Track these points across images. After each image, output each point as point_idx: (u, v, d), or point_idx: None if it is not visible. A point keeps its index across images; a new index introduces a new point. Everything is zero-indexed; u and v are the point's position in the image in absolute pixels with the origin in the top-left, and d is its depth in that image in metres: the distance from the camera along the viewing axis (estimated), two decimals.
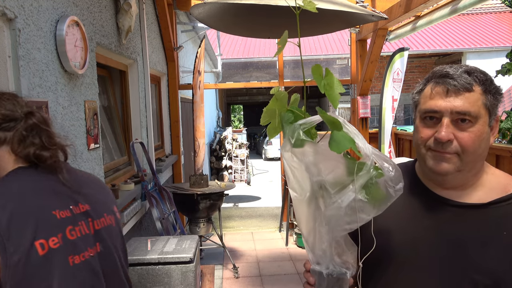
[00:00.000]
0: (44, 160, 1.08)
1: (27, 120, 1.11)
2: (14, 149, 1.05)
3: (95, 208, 1.16)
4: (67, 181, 1.11)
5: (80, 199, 1.13)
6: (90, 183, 1.26)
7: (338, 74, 13.76)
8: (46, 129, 1.15)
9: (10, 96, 1.15)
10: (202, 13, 2.53)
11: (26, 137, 1.08)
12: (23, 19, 1.68)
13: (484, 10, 16.22)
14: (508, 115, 5.41)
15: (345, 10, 2.12)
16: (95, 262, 1.06)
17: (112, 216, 1.22)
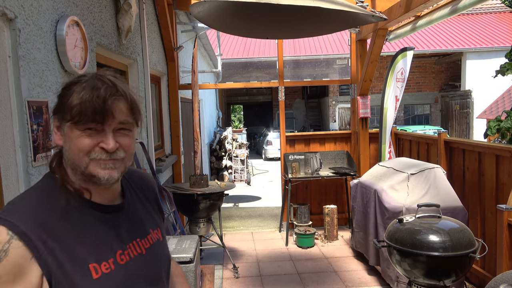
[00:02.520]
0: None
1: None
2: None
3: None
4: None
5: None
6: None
7: (338, 74, 13.76)
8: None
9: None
10: (202, 11, 2.53)
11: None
12: (23, 19, 1.68)
13: (484, 10, 16.22)
14: (508, 115, 5.41)
15: (345, 9, 2.12)
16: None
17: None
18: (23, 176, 1.66)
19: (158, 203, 1.13)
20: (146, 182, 1.12)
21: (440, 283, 2.34)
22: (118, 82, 0.87)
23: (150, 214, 1.07)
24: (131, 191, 1.05)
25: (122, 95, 0.86)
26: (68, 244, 0.82)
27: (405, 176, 3.33)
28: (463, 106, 13.69)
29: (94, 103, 0.81)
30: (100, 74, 0.87)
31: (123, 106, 0.86)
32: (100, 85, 0.84)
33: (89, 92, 0.82)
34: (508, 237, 2.43)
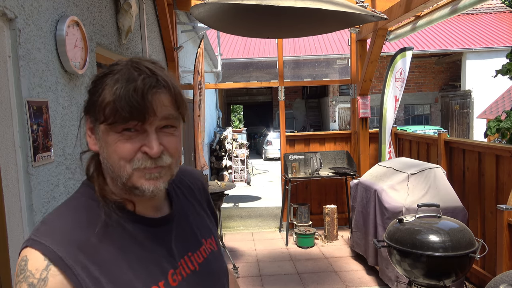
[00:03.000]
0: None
1: None
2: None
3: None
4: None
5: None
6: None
7: (338, 74, 13.76)
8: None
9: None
10: (202, 13, 2.54)
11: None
12: (23, 19, 1.68)
13: (484, 10, 16.22)
14: (508, 115, 5.41)
15: (345, 10, 2.12)
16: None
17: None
18: (23, 176, 1.66)
19: (210, 205, 0.97)
20: (195, 179, 0.96)
21: (440, 283, 2.34)
22: (157, 69, 0.72)
23: (203, 220, 0.91)
24: (179, 193, 0.89)
25: (164, 86, 0.70)
26: (111, 267, 0.69)
27: (405, 176, 3.33)
28: (463, 106, 13.70)
29: (131, 98, 0.66)
30: (136, 61, 0.72)
31: (165, 99, 0.70)
32: (137, 75, 0.69)
33: (123, 85, 0.67)
34: (508, 237, 2.43)
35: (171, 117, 0.72)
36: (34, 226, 1.71)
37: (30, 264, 0.65)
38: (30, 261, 0.65)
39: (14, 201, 1.66)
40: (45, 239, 0.66)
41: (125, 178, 0.71)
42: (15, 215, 1.66)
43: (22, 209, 1.67)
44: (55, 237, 0.67)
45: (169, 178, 0.75)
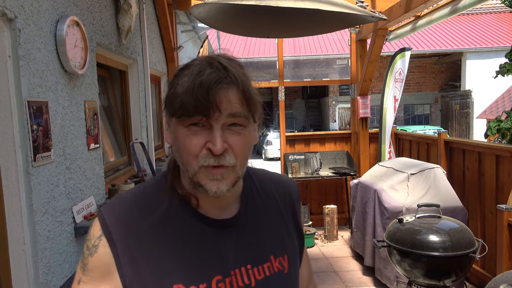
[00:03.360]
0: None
1: None
2: None
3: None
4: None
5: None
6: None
7: (338, 74, 13.76)
8: None
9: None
10: (202, 12, 2.54)
11: None
12: (23, 19, 1.68)
13: (484, 10, 16.22)
14: (508, 115, 5.41)
15: (345, 11, 2.12)
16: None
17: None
18: (23, 176, 1.66)
19: (296, 220, 0.87)
20: (281, 188, 0.88)
21: (440, 283, 2.34)
22: (231, 65, 0.70)
23: (279, 234, 0.82)
24: (256, 199, 0.83)
25: (233, 81, 0.68)
26: (153, 255, 0.70)
27: (405, 176, 3.33)
28: (463, 106, 13.69)
29: (195, 92, 0.66)
30: (212, 56, 0.71)
31: (232, 96, 0.68)
32: (207, 69, 0.67)
33: (192, 79, 0.67)
34: (508, 237, 2.43)
35: (238, 115, 0.69)
36: (33, 226, 1.71)
37: (92, 230, 0.74)
38: (93, 227, 0.74)
39: (14, 201, 1.66)
40: (107, 213, 0.73)
41: (191, 173, 0.71)
42: (15, 215, 1.66)
43: (22, 209, 1.67)
44: (114, 214, 0.73)
45: (233, 180, 0.72)
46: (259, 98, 0.73)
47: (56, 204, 1.92)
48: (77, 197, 2.17)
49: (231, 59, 0.72)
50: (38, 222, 1.74)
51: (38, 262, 1.74)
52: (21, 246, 1.68)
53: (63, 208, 2.00)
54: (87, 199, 2.30)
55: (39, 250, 1.75)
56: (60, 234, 1.95)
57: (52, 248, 1.86)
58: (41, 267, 1.76)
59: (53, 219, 1.89)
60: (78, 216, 2.14)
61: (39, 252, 1.75)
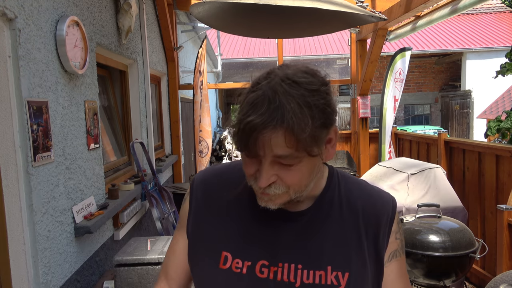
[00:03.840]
0: None
1: None
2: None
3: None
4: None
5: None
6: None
7: (338, 74, 13.75)
8: None
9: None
10: (202, 12, 2.53)
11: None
12: (23, 19, 1.68)
13: (484, 10, 16.21)
14: (508, 115, 5.41)
15: (345, 10, 2.12)
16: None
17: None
18: (23, 176, 1.66)
19: (377, 245, 0.79)
20: (370, 207, 0.81)
21: (440, 283, 2.34)
22: (290, 97, 0.64)
23: (346, 250, 0.78)
24: (334, 206, 0.80)
25: (278, 125, 0.63)
26: (219, 222, 0.81)
27: (405, 176, 3.33)
28: (463, 106, 13.69)
29: (241, 136, 0.66)
30: (283, 79, 0.66)
31: (276, 140, 0.64)
32: (257, 108, 0.64)
33: (242, 115, 0.66)
34: (508, 237, 2.43)
35: (284, 157, 0.66)
36: (33, 226, 1.71)
37: (191, 181, 0.90)
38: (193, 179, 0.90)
39: (14, 201, 1.65)
40: (198, 176, 0.89)
41: (250, 184, 0.74)
42: (15, 215, 1.66)
43: (22, 209, 1.67)
44: (202, 177, 0.88)
45: (285, 200, 0.72)
46: (317, 131, 0.66)
47: (56, 204, 1.92)
48: (77, 197, 2.17)
49: (297, 84, 0.66)
50: (38, 222, 1.74)
51: (38, 262, 1.73)
52: (21, 246, 1.68)
53: (63, 208, 2.00)
54: (87, 199, 2.30)
55: (39, 250, 1.75)
56: (60, 234, 1.95)
57: (52, 248, 1.86)
58: (41, 267, 1.76)
59: (53, 219, 1.89)
60: (78, 216, 2.14)
61: (39, 252, 1.74)
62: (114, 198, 2.63)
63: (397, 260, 0.82)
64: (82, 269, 2.18)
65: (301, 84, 0.66)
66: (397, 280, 0.82)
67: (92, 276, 2.31)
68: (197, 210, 0.84)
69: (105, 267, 2.53)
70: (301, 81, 0.67)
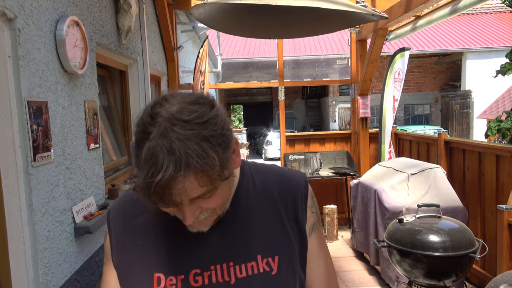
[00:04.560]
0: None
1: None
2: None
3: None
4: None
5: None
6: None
7: (338, 74, 13.75)
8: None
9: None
10: (203, 13, 2.53)
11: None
12: (23, 19, 1.68)
13: (484, 10, 16.22)
14: (508, 115, 5.41)
15: (346, 9, 2.12)
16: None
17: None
18: (23, 176, 1.66)
19: (298, 221, 0.83)
20: (283, 187, 0.85)
21: (440, 283, 2.34)
22: (188, 139, 0.62)
23: (270, 235, 0.80)
24: (251, 197, 0.82)
25: (188, 170, 0.62)
26: (142, 246, 0.79)
27: (405, 176, 3.33)
28: (463, 106, 13.69)
29: (153, 195, 0.63)
30: (172, 122, 0.63)
31: (188, 187, 0.63)
32: (162, 160, 0.61)
33: (145, 176, 0.62)
34: (508, 237, 2.43)
35: (201, 196, 0.66)
36: (33, 226, 1.71)
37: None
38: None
39: (14, 201, 1.65)
40: (113, 207, 0.87)
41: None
42: (15, 215, 1.66)
43: (22, 209, 1.67)
44: (116, 208, 0.86)
45: (215, 218, 0.74)
46: (223, 157, 0.66)
47: (56, 204, 1.92)
48: (77, 197, 2.17)
49: (188, 123, 0.63)
50: (38, 222, 1.74)
51: (38, 262, 1.73)
52: (21, 246, 1.68)
53: (63, 208, 2.00)
54: (87, 199, 2.30)
55: (39, 250, 1.74)
56: (60, 234, 1.95)
57: (52, 248, 1.86)
58: (41, 267, 1.76)
59: (53, 219, 1.89)
60: (78, 216, 2.14)
61: (39, 252, 1.74)
62: (114, 198, 2.63)
63: (316, 233, 0.87)
64: (82, 269, 2.18)
65: (192, 121, 0.64)
66: (319, 251, 0.87)
67: (92, 276, 2.31)
68: (118, 240, 0.82)
69: None
70: (190, 118, 0.64)
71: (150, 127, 0.65)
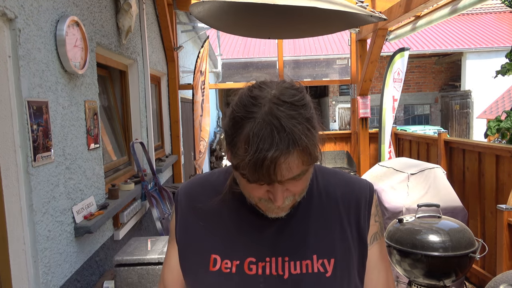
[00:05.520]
0: None
1: None
2: None
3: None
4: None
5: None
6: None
7: (338, 74, 13.75)
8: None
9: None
10: (202, 12, 2.53)
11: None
12: (23, 19, 1.68)
13: (484, 10, 16.21)
14: (508, 115, 5.41)
15: (345, 10, 2.12)
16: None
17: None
18: (23, 176, 1.66)
19: (359, 227, 0.82)
20: (348, 192, 0.84)
21: (440, 283, 2.34)
22: (294, 120, 0.65)
23: (329, 237, 0.80)
24: (314, 197, 0.83)
25: (297, 146, 0.65)
26: (204, 227, 0.83)
27: (405, 176, 3.33)
28: (463, 106, 13.69)
29: (258, 171, 0.65)
30: (275, 110, 0.66)
31: (294, 162, 0.66)
32: (271, 136, 0.64)
33: (253, 152, 0.64)
34: (508, 237, 2.43)
35: (298, 177, 0.69)
36: (33, 226, 1.71)
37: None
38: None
39: (14, 201, 1.66)
40: (182, 188, 0.91)
41: (252, 203, 0.77)
42: (15, 215, 1.66)
43: (22, 209, 1.67)
44: (186, 189, 0.90)
45: (292, 205, 0.76)
46: (318, 143, 0.70)
47: (56, 204, 1.92)
48: (77, 197, 2.17)
49: (291, 104, 0.68)
50: (38, 222, 1.74)
51: (38, 262, 1.74)
52: (21, 246, 1.68)
53: (63, 208, 2.00)
54: (87, 199, 2.30)
55: (39, 250, 1.75)
56: (60, 234, 1.95)
57: (52, 248, 1.86)
58: (41, 267, 1.76)
59: (53, 219, 1.89)
60: (78, 216, 2.14)
61: (39, 252, 1.75)
62: (114, 198, 2.63)
63: (378, 242, 0.85)
64: (82, 269, 2.18)
65: (294, 103, 0.68)
66: (380, 261, 0.85)
67: (92, 276, 2.31)
68: (183, 219, 0.87)
69: (105, 267, 2.53)
70: (293, 100, 0.68)
71: (253, 108, 0.68)
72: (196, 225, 0.85)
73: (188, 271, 0.84)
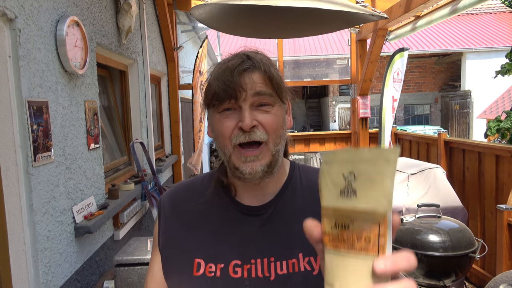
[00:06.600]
0: None
1: None
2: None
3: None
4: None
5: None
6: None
7: (338, 74, 13.75)
8: None
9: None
10: (203, 14, 2.53)
11: None
12: (23, 19, 1.68)
13: (484, 10, 16.22)
14: (508, 115, 5.41)
15: (345, 10, 2.12)
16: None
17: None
18: (23, 176, 1.66)
19: None
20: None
21: (440, 283, 2.34)
22: (256, 56, 0.77)
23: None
24: (297, 194, 0.83)
25: (255, 65, 0.74)
26: (188, 232, 0.82)
27: (405, 176, 3.34)
28: (463, 106, 13.70)
29: (222, 77, 0.73)
30: (241, 51, 0.80)
31: (256, 77, 0.74)
32: (233, 59, 0.76)
33: (219, 67, 0.76)
34: (508, 237, 2.43)
35: (263, 93, 0.74)
36: (33, 226, 1.72)
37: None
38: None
39: (14, 201, 1.66)
40: (165, 193, 0.90)
41: (227, 156, 0.76)
42: (15, 215, 1.66)
43: (22, 209, 1.67)
44: (168, 194, 0.89)
45: (268, 160, 0.75)
46: (282, 81, 0.78)
47: (56, 204, 1.92)
48: (77, 197, 2.17)
49: (257, 52, 0.79)
50: (38, 222, 1.74)
51: (38, 262, 1.74)
52: (21, 246, 1.68)
53: (63, 208, 2.00)
54: (87, 199, 2.30)
55: (39, 250, 1.75)
56: (60, 234, 1.95)
57: (52, 248, 1.86)
58: (41, 267, 1.76)
59: (53, 219, 1.89)
60: (78, 216, 2.14)
61: (39, 252, 1.75)
62: (114, 198, 2.63)
63: None
64: (82, 269, 2.18)
65: (265, 56, 0.79)
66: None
67: (92, 276, 2.31)
68: (166, 225, 0.85)
69: (105, 267, 2.53)
70: (259, 51, 0.80)
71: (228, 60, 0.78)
72: (180, 230, 0.83)
73: (171, 277, 0.82)
